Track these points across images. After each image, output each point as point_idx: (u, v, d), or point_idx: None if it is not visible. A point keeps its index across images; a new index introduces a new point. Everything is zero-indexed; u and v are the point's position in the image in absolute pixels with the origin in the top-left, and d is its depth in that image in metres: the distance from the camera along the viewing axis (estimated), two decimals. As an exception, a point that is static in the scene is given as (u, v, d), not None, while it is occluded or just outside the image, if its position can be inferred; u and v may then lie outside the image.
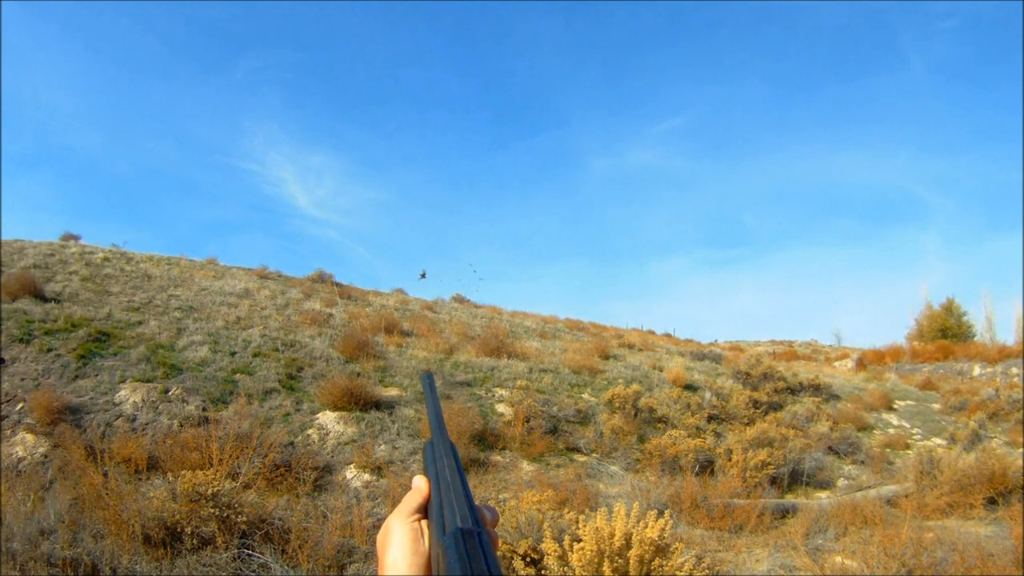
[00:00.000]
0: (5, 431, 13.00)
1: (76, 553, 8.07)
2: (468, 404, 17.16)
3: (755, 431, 17.69)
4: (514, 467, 14.83)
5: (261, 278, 28.88)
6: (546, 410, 17.53)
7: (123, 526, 8.88)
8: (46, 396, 13.54)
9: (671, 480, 14.41)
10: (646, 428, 18.48)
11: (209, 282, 25.55)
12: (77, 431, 12.94)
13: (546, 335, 30.06)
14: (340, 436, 14.80)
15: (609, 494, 13.60)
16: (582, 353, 24.91)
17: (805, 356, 45.65)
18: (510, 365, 21.62)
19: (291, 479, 12.17)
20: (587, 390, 20.79)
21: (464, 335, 25.34)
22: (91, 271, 23.31)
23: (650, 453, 16.22)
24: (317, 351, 19.52)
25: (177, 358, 16.97)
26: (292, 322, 22.39)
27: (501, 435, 16.13)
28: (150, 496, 9.65)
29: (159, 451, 12.42)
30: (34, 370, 15.00)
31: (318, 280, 31.27)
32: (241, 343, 18.92)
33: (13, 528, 8.15)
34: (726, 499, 13.36)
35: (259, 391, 16.10)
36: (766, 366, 26.08)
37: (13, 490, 9.96)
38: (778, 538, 11.91)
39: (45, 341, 16.13)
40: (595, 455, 16.51)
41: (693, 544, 11.26)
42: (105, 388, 14.85)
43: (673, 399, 20.56)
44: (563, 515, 8.95)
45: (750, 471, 15.30)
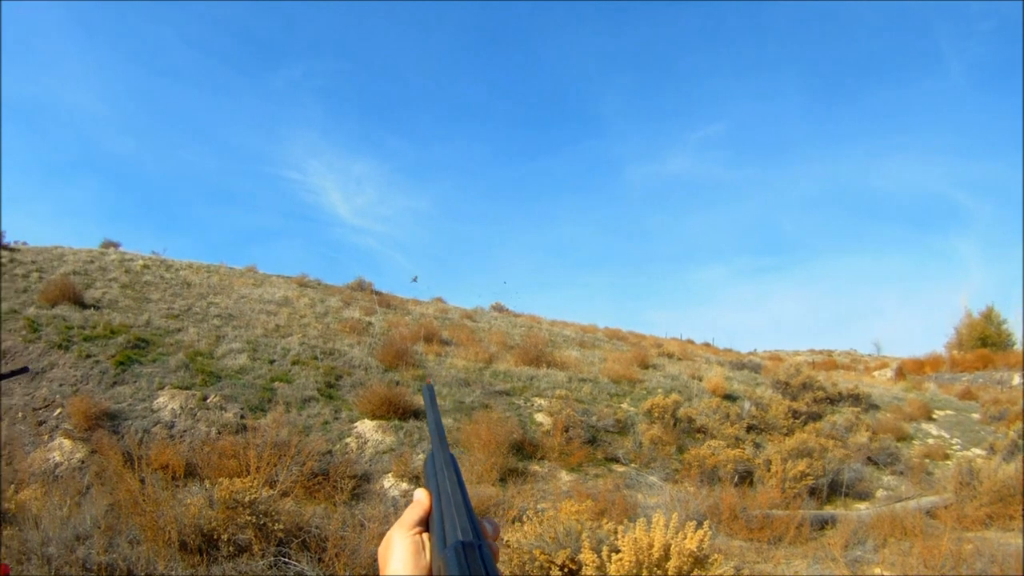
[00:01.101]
0: (43, 436, 13.13)
1: (111, 558, 8.08)
2: (507, 414, 17.07)
3: (794, 441, 17.45)
4: (552, 477, 14.71)
5: (300, 286, 29.02)
6: (585, 420, 17.37)
7: (159, 532, 8.87)
8: (84, 402, 13.68)
9: (710, 491, 14.26)
10: (685, 438, 18.28)
11: (248, 290, 25.73)
12: (115, 437, 13.04)
13: (585, 344, 29.89)
14: (378, 445, 14.77)
15: (648, 504, 13.46)
16: (621, 363, 24.69)
17: (844, 365, 45.05)
18: (549, 374, 21.49)
19: (329, 487, 12.14)
20: (626, 400, 20.61)
21: (503, 344, 25.25)
22: (131, 278, 23.58)
23: (689, 463, 16.07)
24: (356, 359, 19.53)
25: (216, 365, 17.07)
26: (331, 330, 22.45)
27: (540, 445, 16.02)
28: (187, 503, 9.63)
29: (197, 458, 12.46)
30: (73, 376, 15.16)
31: (357, 288, 31.36)
32: (280, 351, 18.98)
33: (49, 532, 8.18)
34: (765, 510, 13.23)
35: (298, 399, 16.13)
36: (805, 376, 25.72)
37: (50, 494, 10.03)
38: (817, 550, 11.79)
39: (84, 347, 16.31)
40: (634, 465, 16.35)
41: (732, 555, 11.16)
42: (143, 395, 14.97)
43: (712, 409, 20.32)
44: (601, 525, 8.86)
45: (789, 482, 15.12)
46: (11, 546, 7.93)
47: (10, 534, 8.24)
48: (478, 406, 17.36)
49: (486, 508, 11.91)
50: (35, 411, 13.90)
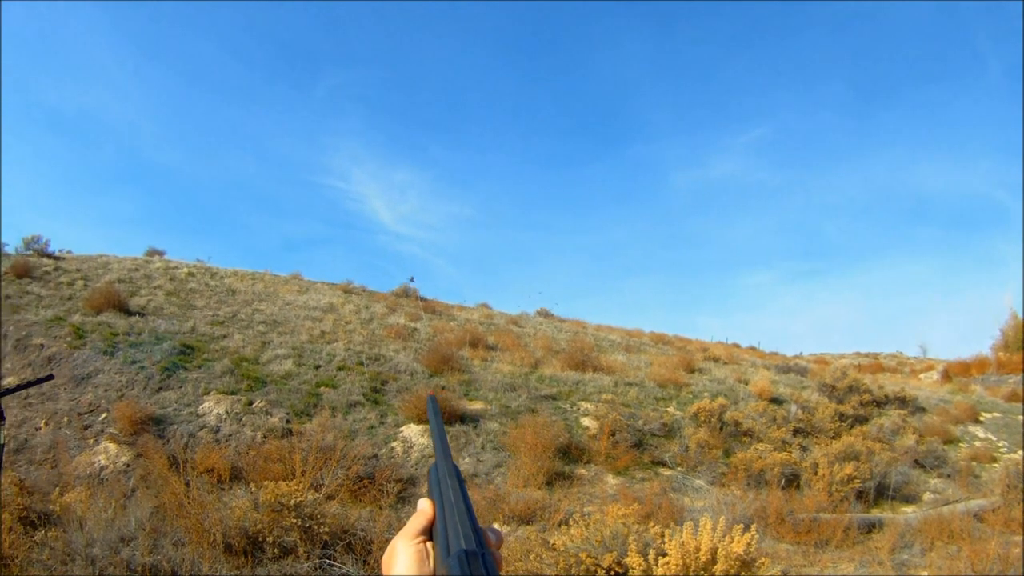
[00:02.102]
0: (88, 440, 13.25)
1: (156, 560, 8.07)
2: (553, 418, 16.93)
3: (841, 444, 17.23)
4: (599, 481, 14.59)
5: (345, 293, 29.13)
6: (631, 424, 17.21)
7: (204, 534, 8.88)
8: (130, 407, 13.80)
9: (756, 494, 14.09)
10: (731, 442, 18.04)
11: (293, 297, 25.89)
12: (160, 441, 13.13)
13: (631, 349, 29.65)
14: (424, 449, 14.71)
15: (694, 508, 13.31)
16: (667, 367, 24.47)
17: (890, 368, 44.30)
18: (595, 379, 21.31)
19: (374, 491, 12.08)
20: (672, 403, 20.37)
21: (549, 349, 25.10)
22: (175, 286, 23.84)
23: (736, 467, 15.91)
24: (401, 365, 19.52)
25: (261, 371, 17.15)
26: (376, 336, 22.48)
27: (586, 449, 15.90)
28: (232, 505, 9.67)
29: (242, 462, 12.54)
30: (118, 382, 15.31)
31: (402, 295, 31.43)
32: (325, 357, 19.03)
33: (93, 534, 8.19)
34: (812, 513, 13.07)
35: (343, 404, 16.14)
36: (851, 379, 25.30)
37: (94, 497, 10.07)
38: (864, 553, 11.64)
39: (129, 354, 16.47)
40: (680, 469, 16.16)
41: (778, 559, 11.03)
42: (189, 400, 15.07)
43: (758, 412, 20.08)
44: (648, 529, 8.76)
45: (836, 485, 14.93)
46: (55, 547, 7.95)
47: (54, 535, 8.27)
48: (524, 410, 17.25)
49: (532, 512, 11.87)
50: (80, 415, 14.04)
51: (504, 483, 13.43)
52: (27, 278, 21.75)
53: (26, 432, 13.52)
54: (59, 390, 14.89)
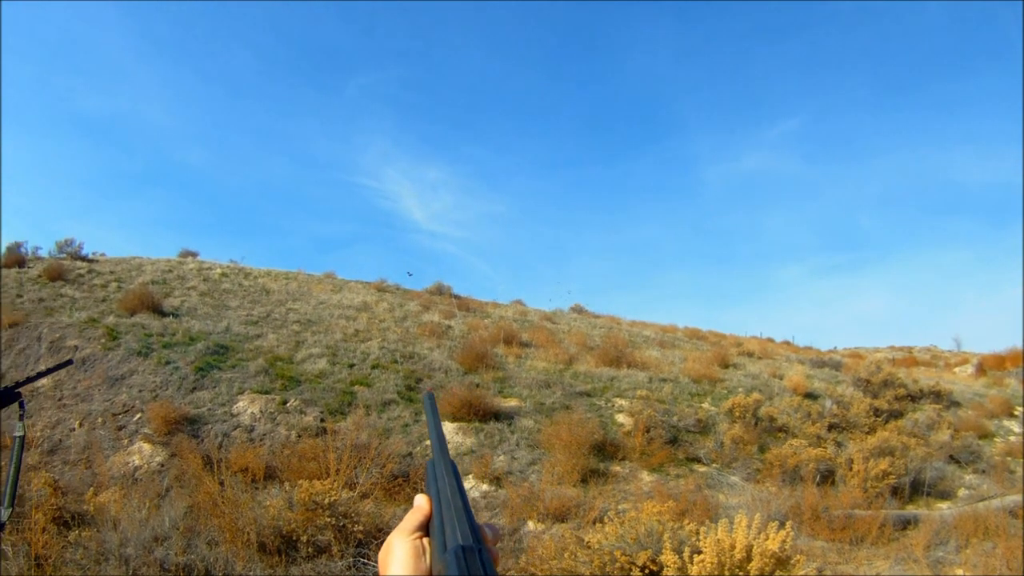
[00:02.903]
0: (122, 440, 13.33)
1: (189, 559, 8.08)
2: (588, 414, 16.81)
3: (876, 440, 17.06)
4: (634, 477, 14.46)
5: (379, 291, 29.22)
6: (666, 420, 17.07)
7: (238, 533, 8.90)
8: (164, 407, 13.90)
9: (791, 491, 13.96)
10: (766, 437, 17.83)
11: (327, 296, 25.98)
12: (194, 441, 13.21)
13: (665, 344, 29.44)
14: (459, 447, 14.67)
15: (729, 505, 13.18)
16: (702, 362, 24.32)
17: (924, 362, 43.70)
18: (630, 375, 21.18)
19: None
20: (707, 399, 20.19)
21: (583, 345, 24.98)
22: (209, 286, 24.01)
23: (770, 463, 15.77)
24: (436, 363, 19.50)
25: (295, 370, 17.20)
26: (411, 334, 22.48)
27: (621, 445, 15.77)
28: (266, 505, 9.67)
29: (276, 461, 12.56)
30: (152, 382, 15.41)
31: (436, 293, 31.45)
32: (359, 355, 19.05)
33: (127, 533, 8.21)
34: (847, 510, 12.93)
35: (377, 402, 16.13)
36: (886, 373, 24.99)
37: (128, 497, 10.12)
38: (899, 550, 11.49)
39: (163, 354, 16.58)
40: (715, 465, 16.00)
41: (813, 556, 10.96)
42: (223, 399, 15.14)
43: (793, 408, 19.90)
44: (683, 526, 8.70)
45: (871, 481, 14.77)
46: (89, 547, 7.98)
47: (88, 535, 8.31)
48: (559, 407, 17.16)
49: (567, 509, 11.84)
50: (115, 416, 14.14)
51: (539, 481, 13.34)
52: (60, 281, 22.02)
53: (60, 433, 13.65)
54: (93, 391, 15.01)
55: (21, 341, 17.00)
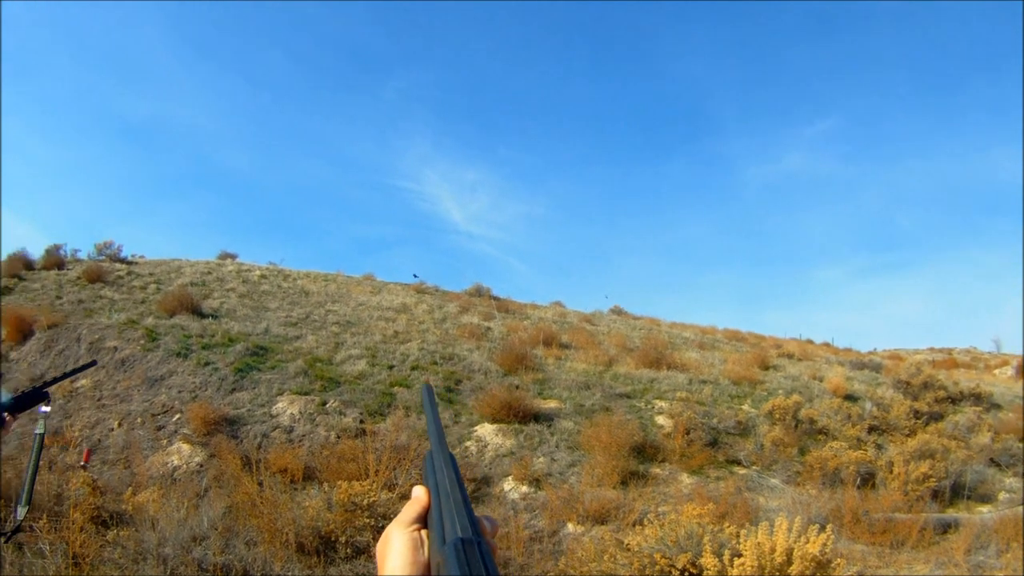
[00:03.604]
0: (161, 441, 13.38)
1: (227, 559, 8.04)
2: (628, 416, 16.63)
3: (916, 442, 16.88)
4: (673, 480, 14.28)
5: (418, 293, 29.25)
6: (706, 422, 16.86)
7: (276, 534, 8.86)
8: (203, 408, 13.95)
9: (832, 493, 13.79)
10: (806, 440, 17.57)
11: (366, 297, 26.04)
12: (233, 442, 13.24)
13: (705, 346, 29.19)
14: (498, 448, 14.56)
15: (769, 507, 13.00)
16: (741, 364, 24.05)
17: (964, 364, 43.04)
18: (670, 376, 20.95)
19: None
20: (747, 401, 19.91)
21: (623, 347, 24.80)
22: (248, 288, 24.16)
23: (811, 465, 15.54)
24: (475, 364, 19.42)
25: (335, 371, 17.20)
26: (450, 336, 22.44)
27: (661, 447, 15.59)
28: (305, 505, 9.65)
29: (315, 462, 12.56)
30: (191, 383, 15.48)
31: (475, 294, 31.42)
32: (399, 356, 19.03)
33: (166, 533, 8.20)
34: (887, 513, 12.75)
35: (417, 404, 16.05)
36: (926, 375, 24.63)
37: (167, 497, 10.12)
38: (939, 554, 11.38)
39: (202, 355, 16.67)
40: (755, 467, 15.76)
41: (854, 560, 10.75)
42: (262, 400, 15.17)
43: (833, 410, 19.63)
44: (723, 529, 8.61)
45: (911, 484, 14.55)
46: (127, 546, 7.96)
47: (126, 535, 8.30)
48: (599, 409, 17.00)
49: (607, 512, 11.73)
50: (154, 416, 14.22)
51: (578, 482, 13.21)
52: (100, 283, 22.32)
53: (100, 433, 13.75)
54: (132, 392, 15.12)
55: (60, 342, 17.20)
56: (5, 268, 23.77)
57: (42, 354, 16.90)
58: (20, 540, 7.84)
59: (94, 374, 15.79)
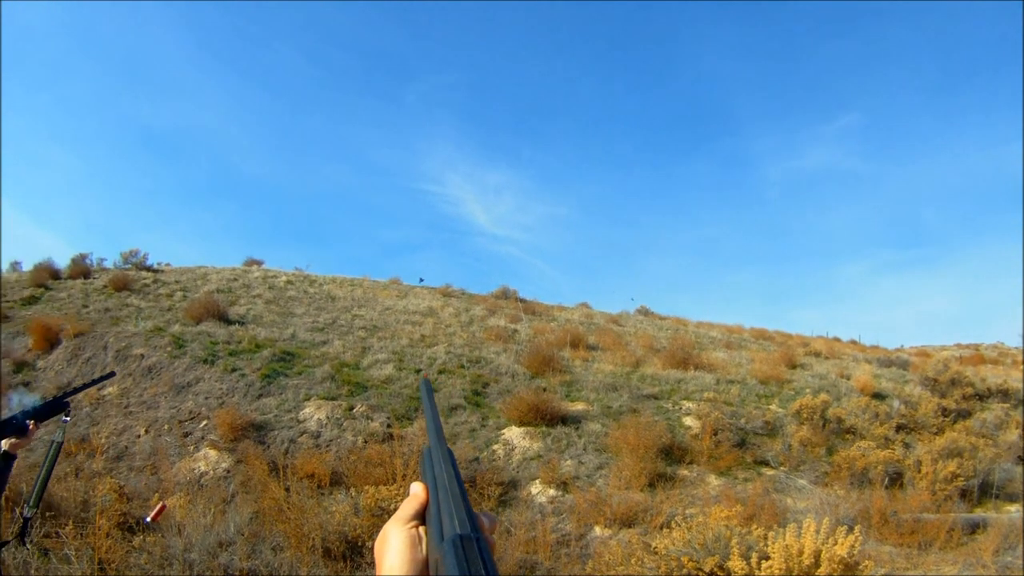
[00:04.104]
0: (188, 447, 13.42)
1: (254, 564, 8.03)
2: (655, 418, 16.51)
3: (944, 441, 16.69)
4: (701, 481, 14.15)
5: (445, 296, 29.28)
6: (733, 422, 16.74)
7: (303, 539, 8.85)
8: (230, 414, 14.00)
9: (860, 494, 13.68)
10: (834, 439, 17.37)
11: (393, 301, 26.09)
12: (260, 447, 13.27)
13: (732, 345, 29.02)
14: (526, 451, 14.49)
15: (797, 509, 12.89)
16: (768, 363, 23.87)
17: (992, 360, 42.51)
18: (697, 377, 20.83)
19: (475, 494, 11.95)
20: (774, 401, 19.71)
21: (650, 348, 24.69)
22: (274, 294, 24.26)
23: (838, 466, 15.40)
24: (502, 367, 19.36)
25: (362, 376, 17.21)
26: (477, 339, 22.40)
27: (688, 449, 15.47)
28: (332, 510, 9.63)
29: (343, 467, 12.55)
30: (218, 389, 15.53)
31: (502, 297, 31.42)
32: (426, 360, 19.03)
33: (192, 539, 8.20)
34: (915, 514, 12.63)
35: (445, 407, 16.06)
36: (953, 371, 24.33)
37: (194, 502, 10.13)
38: (968, 555, 11.25)
39: (229, 362, 16.72)
40: (783, 468, 15.60)
41: (882, 562, 10.67)
42: (289, 406, 15.18)
43: (861, 408, 19.42)
44: (751, 531, 8.55)
45: (939, 483, 14.43)
46: (153, 552, 7.96)
47: (152, 540, 8.30)
48: (626, 411, 16.90)
49: (634, 514, 11.68)
50: (181, 423, 14.28)
51: (606, 485, 13.13)
52: (126, 291, 22.52)
53: (127, 440, 13.82)
54: (159, 399, 15.19)
55: (87, 350, 17.33)
56: (31, 278, 24.12)
57: (69, 362, 17.04)
58: (46, 546, 7.89)
59: (121, 382, 15.89)
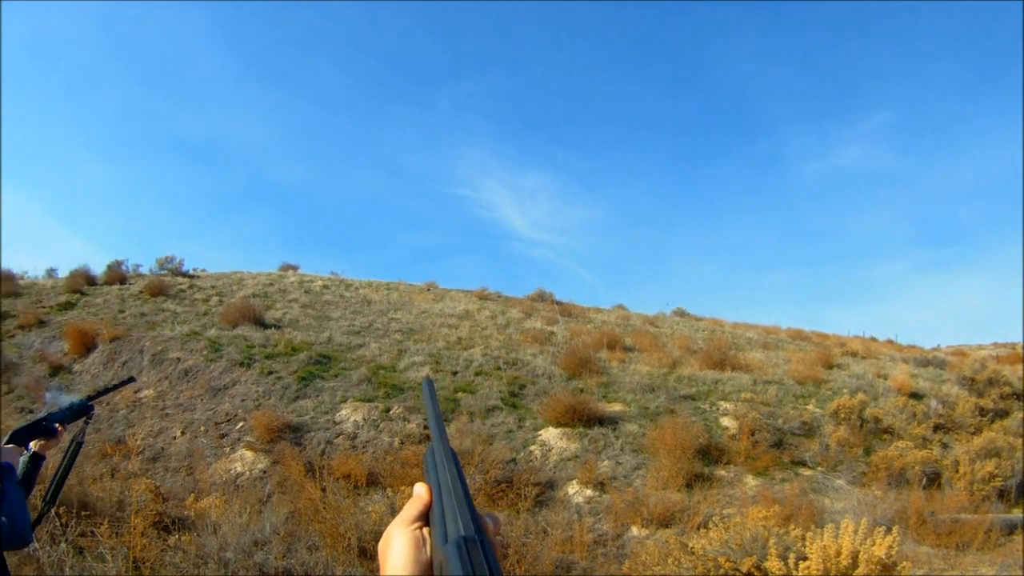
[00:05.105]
0: (224, 448, 13.50)
1: (289, 564, 8.02)
2: (692, 418, 16.39)
3: (982, 440, 16.40)
4: (738, 482, 14.02)
5: (481, 299, 29.27)
6: (771, 423, 16.57)
7: (339, 539, 8.83)
8: (267, 415, 14.07)
9: (897, 494, 13.49)
10: (872, 439, 17.14)
11: (429, 305, 26.13)
12: (296, 449, 13.32)
13: (769, 346, 28.75)
14: (562, 452, 14.42)
15: (834, 509, 12.75)
16: (805, 363, 23.65)
17: None
18: (734, 377, 20.63)
19: (512, 495, 11.90)
20: (812, 401, 19.46)
21: (687, 348, 24.53)
22: (311, 298, 24.39)
23: (876, 466, 15.22)
24: (539, 368, 19.31)
25: (398, 378, 17.24)
26: (513, 341, 22.37)
27: (725, 449, 15.33)
28: (368, 510, 9.62)
29: (379, 467, 12.58)
30: (255, 392, 15.62)
31: (538, 299, 31.38)
32: (463, 362, 19.01)
33: (227, 538, 8.21)
34: (953, 514, 12.46)
35: (481, 409, 16.02)
36: (991, 370, 23.92)
37: (229, 503, 10.16)
38: (1005, 556, 11.10)
39: (266, 365, 16.82)
40: (820, 469, 15.41)
41: (919, 563, 10.58)
42: (326, 408, 15.24)
43: (898, 408, 19.16)
44: (788, 532, 8.47)
45: (977, 484, 14.26)
46: (188, 551, 7.98)
47: (188, 540, 8.33)
48: (663, 411, 16.79)
49: (671, 514, 11.64)
50: (217, 425, 14.38)
51: (643, 485, 13.04)
52: (162, 296, 22.80)
53: (163, 441, 13.94)
54: (196, 401, 15.32)
55: (123, 354, 17.54)
56: (67, 284, 24.54)
57: (105, 366, 17.25)
58: (81, 545, 7.94)
59: (157, 384, 16.06)
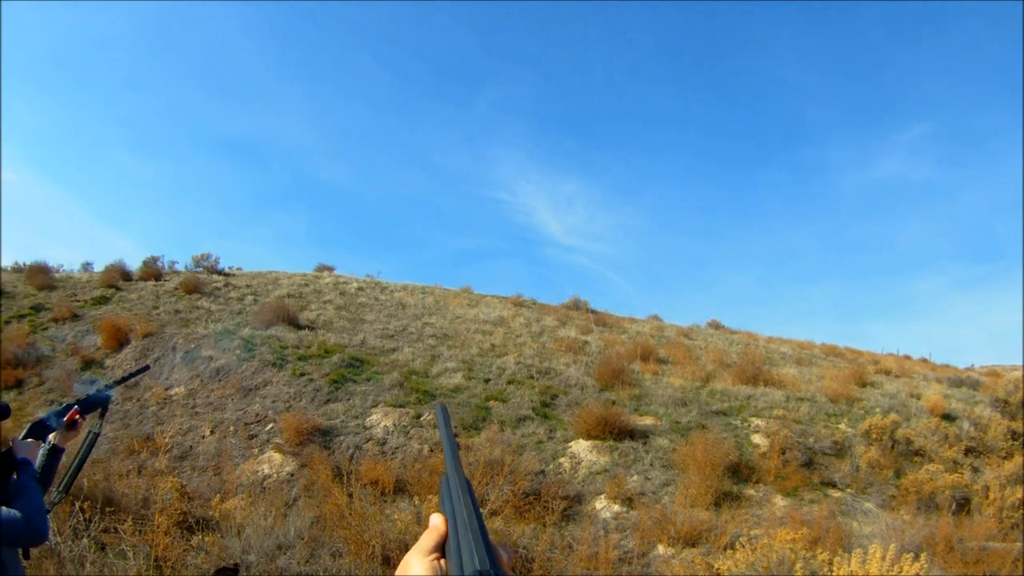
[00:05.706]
0: (253, 449, 13.50)
1: (312, 569, 7.98)
2: (723, 434, 16.15)
3: (1013, 465, 15.98)
4: (767, 502, 13.77)
5: (516, 306, 29.17)
6: (802, 441, 16.26)
7: (363, 546, 8.78)
8: (296, 418, 14.04)
9: (926, 519, 13.17)
10: (902, 461, 16.80)
11: (463, 310, 26.06)
12: (325, 452, 13.29)
13: (802, 361, 28.31)
14: (592, 465, 14.26)
15: (862, 533, 12.48)
16: (839, 380, 23.22)
17: None
18: (766, 393, 20.26)
19: (539, 508, 11.78)
20: (844, 420, 19.13)
21: (720, 362, 24.22)
22: (345, 300, 24.42)
23: (906, 489, 14.86)
24: (572, 379, 19.16)
25: (431, 384, 17.18)
26: (547, 349, 22.23)
27: (755, 468, 15.06)
28: (394, 518, 9.57)
29: (407, 475, 12.51)
30: (286, 393, 15.63)
31: (572, 307, 31.24)
32: (495, 370, 18.91)
33: (251, 540, 8.19)
34: (981, 542, 12.11)
35: (512, 418, 15.91)
36: None
37: (255, 505, 10.14)
38: None
39: (298, 366, 16.83)
40: (850, 490, 15.11)
41: None
42: (356, 412, 15.21)
43: (930, 430, 18.77)
44: (815, 556, 8.36)
45: (1006, 510, 13.83)
46: (211, 551, 7.96)
47: (211, 540, 8.31)
48: (695, 426, 16.55)
49: (698, 534, 11.44)
50: (247, 425, 14.38)
51: (671, 502, 12.86)
52: (197, 293, 22.93)
53: (191, 439, 13.97)
54: (226, 400, 15.35)
55: (156, 350, 17.65)
56: (102, 279, 24.82)
57: (137, 361, 17.40)
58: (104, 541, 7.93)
59: (188, 382, 16.14)
